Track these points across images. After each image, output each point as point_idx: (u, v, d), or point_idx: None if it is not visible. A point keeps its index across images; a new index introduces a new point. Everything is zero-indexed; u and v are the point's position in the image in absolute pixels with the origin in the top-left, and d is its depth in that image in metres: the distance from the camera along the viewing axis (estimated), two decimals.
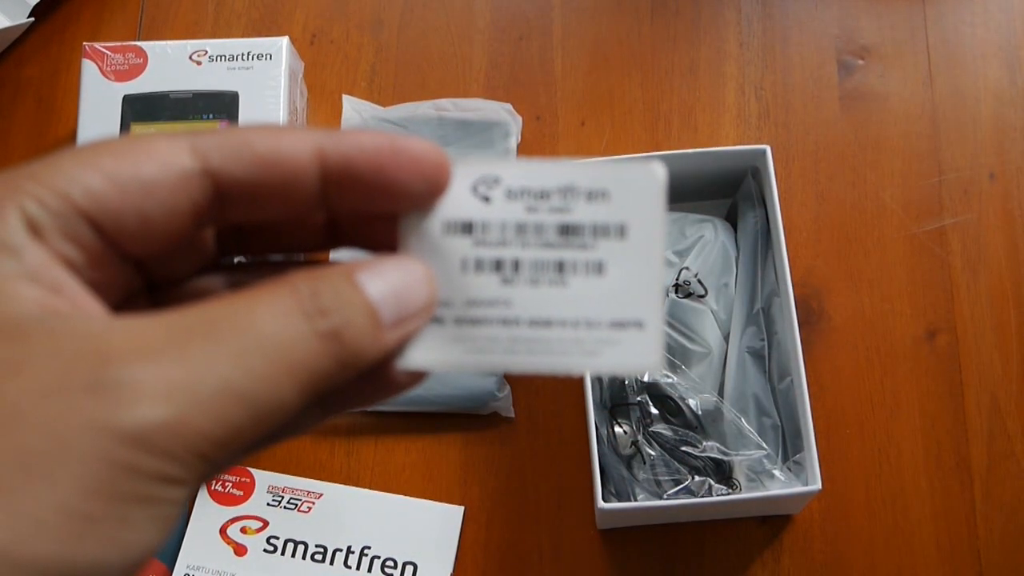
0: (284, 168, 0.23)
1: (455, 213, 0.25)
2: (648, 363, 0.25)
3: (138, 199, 0.22)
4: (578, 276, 0.25)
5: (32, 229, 0.21)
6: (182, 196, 0.23)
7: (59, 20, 0.72)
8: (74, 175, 0.22)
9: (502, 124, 0.67)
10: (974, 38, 0.70)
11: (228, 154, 0.23)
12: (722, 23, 0.71)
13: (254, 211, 0.24)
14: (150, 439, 0.20)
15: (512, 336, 0.25)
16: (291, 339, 0.21)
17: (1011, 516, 0.60)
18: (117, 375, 0.20)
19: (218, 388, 0.20)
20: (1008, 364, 0.63)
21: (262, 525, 0.61)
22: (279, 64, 0.64)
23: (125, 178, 0.22)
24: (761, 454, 0.56)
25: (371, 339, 0.23)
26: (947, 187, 0.67)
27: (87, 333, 0.20)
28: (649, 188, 0.25)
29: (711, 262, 0.61)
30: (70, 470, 0.19)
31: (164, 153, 0.22)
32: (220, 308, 0.21)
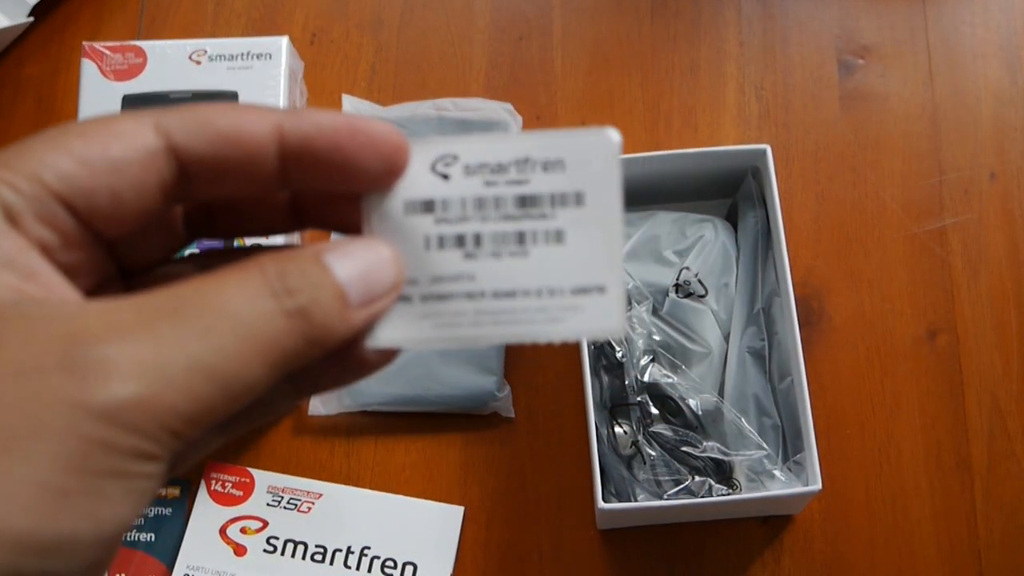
0: (244, 145, 0.24)
1: (415, 192, 0.26)
2: (611, 326, 0.26)
3: (108, 178, 0.23)
4: (538, 246, 0.26)
5: (7, 215, 0.22)
6: (150, 173, 0.23)
7: (59, 20, 0.72)
8: (45, 159, 0.22)
9: (502, 124, 0.67)
10: (974, 38, 0.70)
11: (191, 131, 0.23)
12: (722, 23, 0.71)
13: (216, 187, 0.24)
14: (122, 415, 0.20)
15: (478, 309, 0.26)
16: (259, 317, 0.22)
17: (1011, 516, 0.60)
18: (89, 354, 0.20)
19: (188, 365, 0.21)
20: (1008, 364, 0.63)
21: (262, 525, 0.61)
22: (279, 64, 0.64)
23: (94, 158, 0.22)
24: (761, 454, 0.56)
25: (339, 318, 0.23)
26: (947, 187, 0.67)
27: (60, 316, 0.21)
28: (603, 154, 0.25)
29: (711, 262, 0.61)
30: (45, 446, 0.20)
31: (130, 132, 0.23)
32: (189, 289, 0.22)
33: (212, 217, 0.27)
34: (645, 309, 0.60)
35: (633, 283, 0.61)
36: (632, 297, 0.60)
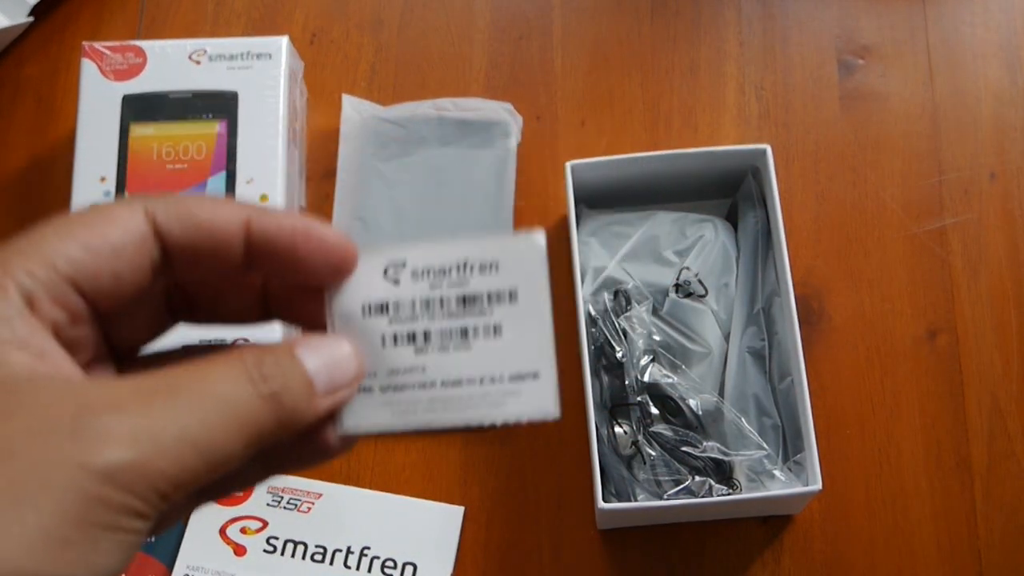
0: (216, 234, 0.28)
1: (371, 297, 0.29)
2: (546, 409, 0.29)
3: (110, 261, 0.26)
4: (479, 339, 0.29)
5: (27, 300, 0.25)
6: (143, 255, 0.27)
7: (59, 19, 0.72)
8: (56, 247, 0.26)
9: (502, 124, 0.67)
10: (974, 38, 0.70)
11: (173, 219, 0.27)
12: (722, 23, 0.71)
13: (192, 268, 0.28)
14: (117, 476, 0.23)
15: (430, 397, 0.29)
16: (238, 398, 0.25)
17: (1011, 516, 0.60)
18: (92, 422, 0.24)
19: (176, 436, 0.24)
20: (1008, 364, 0.63)
21: (262, 525, 0.61)
22: (279, 64, 0.64)
23: (98, 245, 0.26)
24: (761, 454, 0.56)
25: (306, 403, 0.27)
26: (947, 187, 0.67)
27: (68, 389, 0.25)
28: (531, 255, 0.29)
29: (711, 262, 0.61)
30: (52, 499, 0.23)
31: (125, 220, 0.27)
32: (180, 372, 0.25)
33: (192, 304, 0.31)
34: (645, 309, 0.60)
35: (633, 283, 0.61)
36: (632, 297, 0.60)
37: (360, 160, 0.67)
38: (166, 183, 0.62)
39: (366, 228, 0.66)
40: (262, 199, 0.62)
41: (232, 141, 0.63)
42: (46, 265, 0.26)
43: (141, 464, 0.23)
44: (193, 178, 0.62)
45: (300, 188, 0.67)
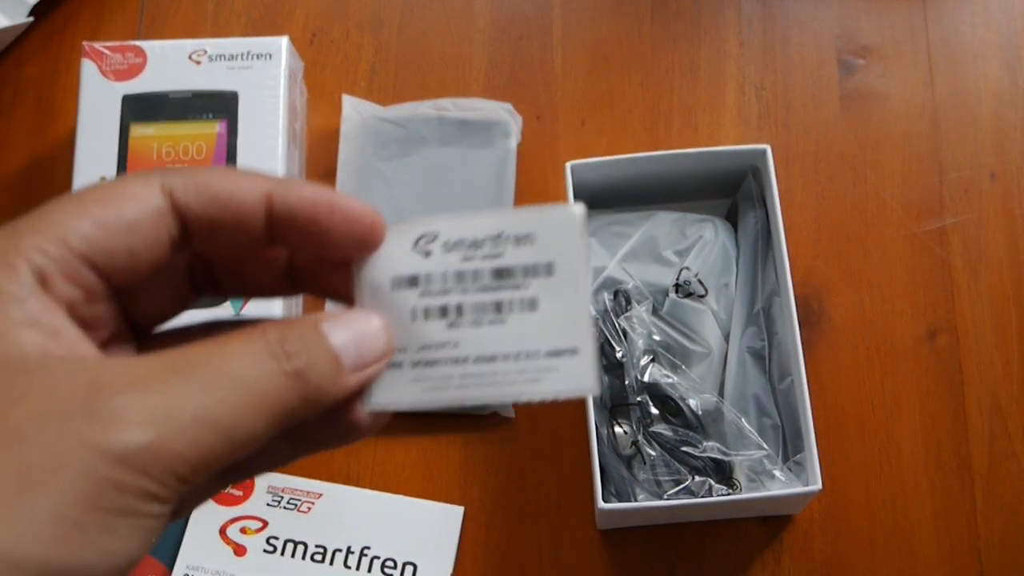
0: (236, 208, 0.27)
1: (401, 269, 0.28)
2: (585, 385, 0.28)
3: (125, 237, 0.26)
4: (514, 313, 0.28)
5: (39, 277, 0.24)
6: (160, 230, 0.26)
7: (58, 19, 0.72)
8: (69, 224, 0.25)
9: (502, 124, 0.67)
10: (974, 38, 0.70)
11: (191, 193, 0.26)
12: (722, 23, 0.71)
13: (212, 243, 0.27)
14: (134, 459, 0.22)
15: (463, 372, 0.28)
16: (260, 376, 0.24)
17: (1012, 516, 0.60)
18: (107, 403, 0.23)
19: (194, 417, 0.23)
20: (1009, 364, 0.63)
21: (262, 525, 0.61)
22: (279, 64, 0.64)
23: (112, 221, 0.25)
24: (761, 454, 0.56)
25: (333, 380, 0.26)
26: (947, 187, 0.67)
27: (81, 369, 0.24)
28: (569, 227, 0.28)
29: (711, 262, 0.61)
30: (65, 483, 0.22)
31: (140, 195, 0.26)
32: (198, 349, 0.24)
33: (215, 277, 0.30)
34: (645, 309, 0.60)
35: (633, 283, 0.60)
36: (632, 297, 0.60)
37: (360, 160, 0.67)
38: None
39: None
40: None
41: (232, 141, 0.63)
42: (58, 242, 0.25)
43: (158, 446, 0.23)
44: None
45: None
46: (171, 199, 0.26)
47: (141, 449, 0.22)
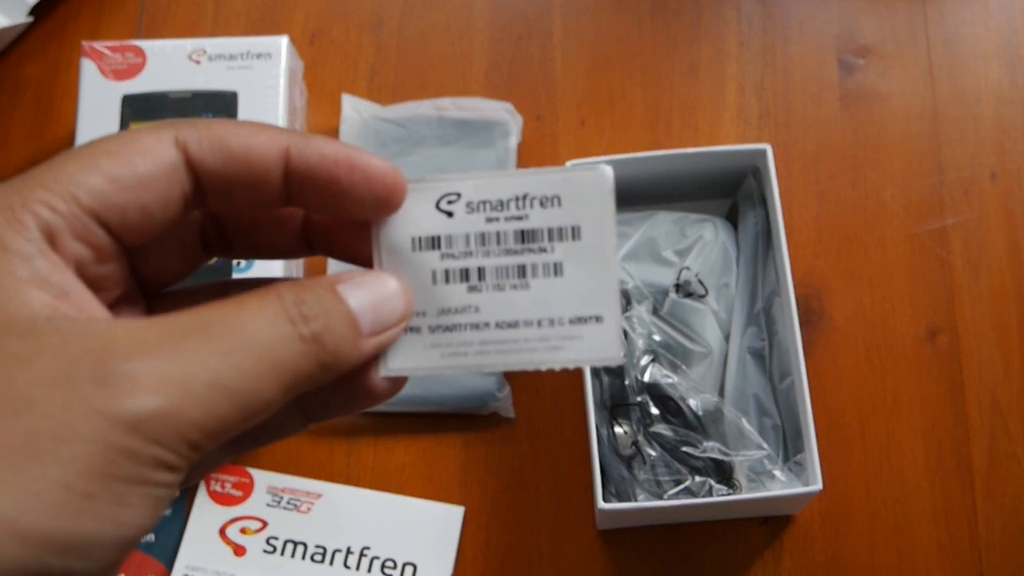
0: (252, 165, 0.25)
1: (422, 229, 0.27)
2: (609, 354, 0.27)
3: (137, 193, 0.24)
4: (539, 278, 0.27)
5: (47, 234, 0.23)
6: (173, 186, 0.25)
7: (58, 19, 0.72)
8: (78, 178, 0.24)
9: (502, 123, 0.67)
10: (975, 37, 0.70)
11: (205, 147, 0.25)
12: (722, 23, 0.71)
13: (227, 200, 0.26)
14: (145, 426, 0.22)
15: (483, 339, 0.27)
16: (276, 340, 0.23)
17: (1012, 517, 0.60)
18: (118, 368, 0.22)
19: (208, 382, 0.22)
20: (1009, 364, 0.63)
21: (261, 525, 0.61)
22: (278, 64, 0.64)
23: (124, 176, 0.24)
24: (762, 454, 0.56)
25: (351, 344, 0.25)
26: (948, 187, 0.67)
27: (91, 331, 0.23)
28: (598, 190, 0.27)
29: (711, 262, 0.61)
30: (73, 451, 0.21)
31: (152, 148, 0.25)
32: (212, 311, 0.23)
33: (228, 237, 0.29)
34: (645, 309, 0.60)
35: (633, 283, 0.60)
36: (632, 297, 0.60)
37: None
38: None
39: None
40: None
41: None
42: (68, 198, 0.24)
43: (170, 412, 0.22)
44: None
45: None
46: (185, 154, 0.25)
47: (153, 416, 0.22)
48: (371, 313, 0.25)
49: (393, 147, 0.67)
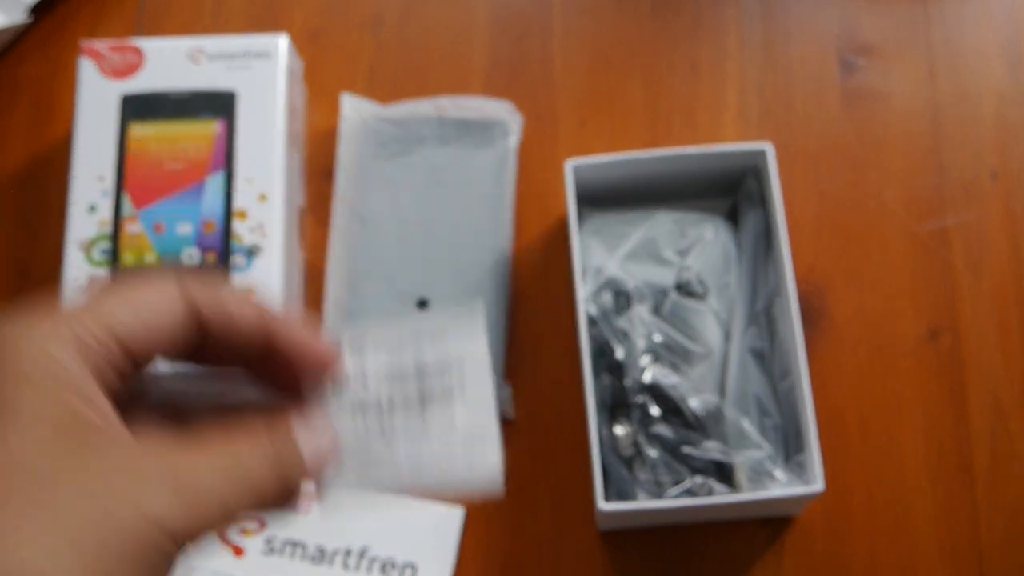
0: (237, 328, 0.33)
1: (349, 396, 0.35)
2: (493, 479, 0.33)
3: (156, 333, 0.32)
4: (434, 410, 0.34)
5: (82, 351, 0.30)
6: (183, 329, 0.33)
7: (57, 19, 0.72)
8: (116, 313, 0.31)
9: (502, 123, 0.67)
10: (976, 37, 0.70)
11: (207, 305, 0.33)
12: (723, 22, 0.71)
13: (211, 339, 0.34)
14: (162, 522, 0.28)
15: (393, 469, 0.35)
16: (260, 475, 0.31)
17: (1014, 517, 0.60)
18: (147, 476, 0.29)
19: (211, 493, 0.30)
20: (1011, 364, 0.63)
21: (260, 526, 0.61)
22: (278, 62, 0.64)
23: (146, 315, 0.32)
24: (762, 454, 0.56)
25: (300, 479, 0.33)
26: (949, 186, 0.67)
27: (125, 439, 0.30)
28: (473, 327, 0.34)
29: (712, 262, 0.61)
30: (108, 534, 0.28)
31: (169, 298, 0.32)
32: (221, 444, 0.31)
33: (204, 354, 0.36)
34: (645, 309, 0.60)
35: (633, 283, 0.60)
36: (632, 297, 0.60)
37: (359, 159, 0.67)
38: (165, 183, 0.62)
39: (366, 228, 0.66)
40: (261, 199, 0.61)
41: (231, 140, 0.62)
42: (103, 327, 0.31)
43: (180, 513, 0.29)
44: (192, 177, 0.62)
45: (299, 188, 0.66)
46: (193, 309, 0.33)
47: (168, 514, 0.29)
48: (316, 457, 0.34)
49: (393, 147, 0.67)
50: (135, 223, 0.61)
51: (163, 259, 0.60)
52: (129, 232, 0.61)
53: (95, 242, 0.61)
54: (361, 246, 0.65)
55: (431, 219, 0.66)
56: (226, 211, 0.61)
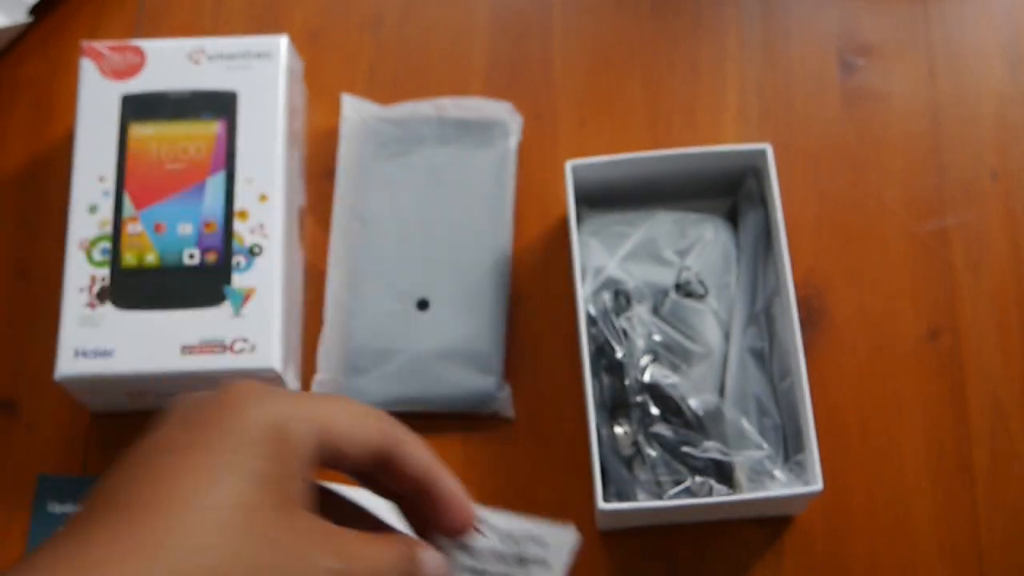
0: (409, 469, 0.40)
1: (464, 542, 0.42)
2: None
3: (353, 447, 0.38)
4: None
5: (299, 437, 0.35)
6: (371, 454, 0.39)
7: (57, 19, 0.72)
8: (333, 418, 0.37)
9: (502, 123, 0.67)
10: (976, 37, 0.70)
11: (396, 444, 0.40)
12: (723, 22, 0.71)
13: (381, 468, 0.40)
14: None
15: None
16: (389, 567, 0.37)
17: (1014, 517, 0.60)
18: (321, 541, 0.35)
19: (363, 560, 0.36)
20: (1010, 364, 0.63)
21: None
22: (278, 63, 0.64)
23: (353, 432, 0.38)
24: (762, 454, 0.56)
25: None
26: (949, 186, 0.67)
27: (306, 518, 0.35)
28: (568, 541, 0.44)
29: (712, 262, 0.61)
30: None
31: (375, 428, 0.39)
32: (365, 534, 0.37)
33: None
34: (645, 309, 0.60)
35: (633, 283, 0.60)
36: (632, 297, 0.60)
37: (360, 159, 0.67)
38: (165, 183, 0.62)
39: (366, 228, 0.66)
40: (261, 199, 0.61)
41: (231, 141, 0.63)
42: (320, 423, 0.36)
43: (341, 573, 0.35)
44: (192, 178, 0.62)
45: (300, 188, 0.66)
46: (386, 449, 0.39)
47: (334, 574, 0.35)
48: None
49: (393, 147, 0.67)
50: (136, 223, 0.61)
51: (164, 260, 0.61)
52: (130, 232, 0.61)
53: (96, 242, 0.61)
54: (361, 246, 0.65)
55: (431, 219, 0.66)
56: (227, 211, 0.61)
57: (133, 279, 0.60)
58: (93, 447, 0.63)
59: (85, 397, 0.61)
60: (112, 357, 0.58)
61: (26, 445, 0.63)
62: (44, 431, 0.63)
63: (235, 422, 0.35)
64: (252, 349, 0.58)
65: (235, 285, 0.60)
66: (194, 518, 0.32)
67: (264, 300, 0.59)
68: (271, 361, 0.58)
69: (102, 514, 0.32)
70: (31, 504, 0.61)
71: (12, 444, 0.63)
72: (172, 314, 0.59)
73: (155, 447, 0.35)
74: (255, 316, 0.59)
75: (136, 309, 0.59)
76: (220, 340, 0.59)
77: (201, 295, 0.59)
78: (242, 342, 0.58)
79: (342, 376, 0.63)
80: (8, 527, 0.61)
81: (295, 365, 0.62)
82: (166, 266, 0.60)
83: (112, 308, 0.59)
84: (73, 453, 0.63)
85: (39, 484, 0.62)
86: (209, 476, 0.33)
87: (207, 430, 0.35)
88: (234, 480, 0.34)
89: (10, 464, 0.63)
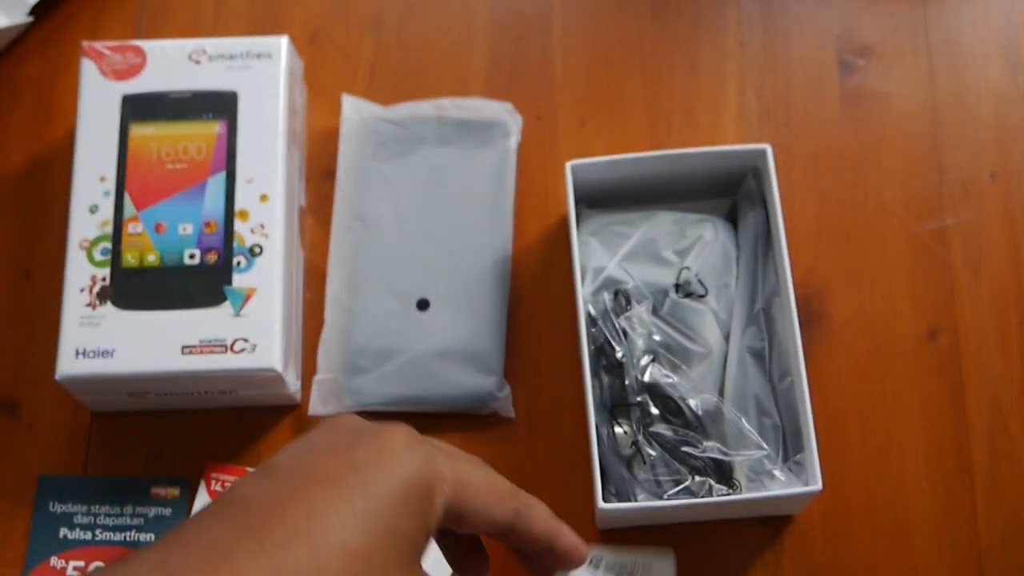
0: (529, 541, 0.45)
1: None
2: None
3: (479, 517, 0.42)
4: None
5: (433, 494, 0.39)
6: (495, 528, 0.43)
7: (58, 19, 0.72)
8: (469, 486, 0.41)
9: (502, 123, 0.67)
10: (975, 37, 0.70)
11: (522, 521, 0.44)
12: (723, 22, 0.71)
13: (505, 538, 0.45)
14: None
15: None
16: None
17: (1013, 517, 0.60)
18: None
19: None
20: (1009, 364, 0.63)
21: None
22: (278, 63, 0.64)
23: (486, 503, 0.42)
24: (761, 454, 0.56)
25: None
26: (948, 187, 0.67)
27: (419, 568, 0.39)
28: (669, 563, 0.55)
29: (711, 262, 0.61)
30: None
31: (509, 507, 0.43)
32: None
33: None
34: (645, 309, 0.60)
35: (633, 283, 0.60)
36: (632, 297, 0.60)
37: (360, 160, 0.67)
38: (166, 183, 0.62)
39: (366, 228, 0.66)
40: (262, 199, 0.62)
41: (232, 141, 0.63)
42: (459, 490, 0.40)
43: None
44: (193, 178, 0.62)
45: (300, 188, 0.66)
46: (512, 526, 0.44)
47: None
48: None
49: (393, 147, 0.67)
50: (136, 223, 0.61)
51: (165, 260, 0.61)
52: (130, 232, 0.61)
53: (97, 242, 0.61)
54: (361, 246, 0.66)
55: (431, 219, 0.66)
56: (227, 211, 0.61)
57: (134, 279, 0.60)
58: (93, 447, 0.63)
59: (85, 397, 0.61)
60: (113, 357, 0.58)
61: (26, 445, 0.63)
62: (45, 431, 0.63)
63: (389, 472, 0.37)
64: (252, 349, 0.58)
65: (235, 285, 0.60)
66: (329, 562, 0.34)
67: (264, 300, 0.59)
68: (271, 361, 0.58)
69: (245, 521, 0.35)
70: (31, 504, 0.62)
71: (12, 444, 0.63)
72: (172, 314, 0.59)
73: (309, 473, 0.37)
74: (255, 316, 0.59)
75: (137, 309, 0.59)
76: (220, 340, 0.59)
77: (201, 295, 0.60)
78: (242, 342, 0.59)
79: (342, 376, 0.63)
80: (8, 527, 0.61)
81: (295, 365, 0.62)
82: (166, 266, 0.60)
83: (113, 308, 0.59)
84: (73, 453, 0.63)
85: (39, 484, 0.62)
86: (354, 522, 0.35)
87: (361, 472, 0.37)
88: (376, 533, 0.36)
89: (10, 464, 0.63)
